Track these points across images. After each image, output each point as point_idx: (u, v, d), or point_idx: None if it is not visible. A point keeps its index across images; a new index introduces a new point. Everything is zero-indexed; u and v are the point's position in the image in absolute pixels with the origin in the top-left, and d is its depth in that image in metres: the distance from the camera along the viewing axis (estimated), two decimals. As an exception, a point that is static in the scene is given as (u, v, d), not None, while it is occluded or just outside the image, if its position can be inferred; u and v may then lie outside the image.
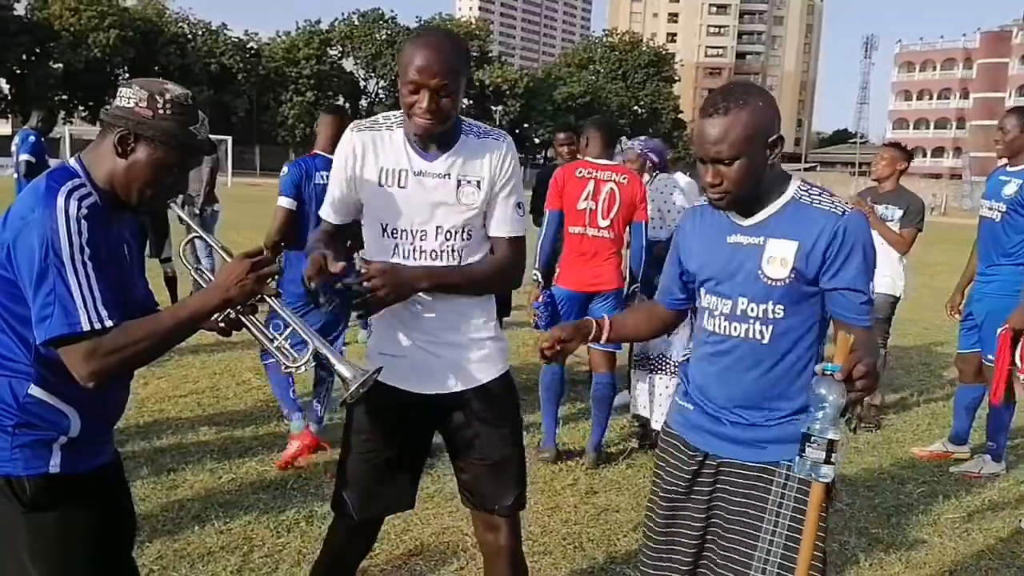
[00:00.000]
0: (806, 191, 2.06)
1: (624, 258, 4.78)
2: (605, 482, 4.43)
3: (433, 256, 2.25)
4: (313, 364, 4.67)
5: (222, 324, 2.01)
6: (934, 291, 12.48)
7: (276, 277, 1.90)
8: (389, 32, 65.63)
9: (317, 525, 3.67)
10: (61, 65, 52.73)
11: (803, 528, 1.97)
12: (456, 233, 2.25)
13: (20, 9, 52.54)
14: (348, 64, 66.33)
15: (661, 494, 2.25)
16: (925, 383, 7.06)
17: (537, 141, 67.83)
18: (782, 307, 2.04)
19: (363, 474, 2.36)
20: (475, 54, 65.85)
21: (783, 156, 2.06)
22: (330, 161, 4.83)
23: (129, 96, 1.84)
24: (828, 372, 1.80)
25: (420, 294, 2.23)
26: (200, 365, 6.22)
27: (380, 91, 67.71)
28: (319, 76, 61.13)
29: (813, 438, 1.81)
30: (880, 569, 3.57)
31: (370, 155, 2.26)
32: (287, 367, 2.00)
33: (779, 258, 2.01)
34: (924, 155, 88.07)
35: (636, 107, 73.51)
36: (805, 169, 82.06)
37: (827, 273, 2.01)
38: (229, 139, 30.17)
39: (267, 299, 1.90)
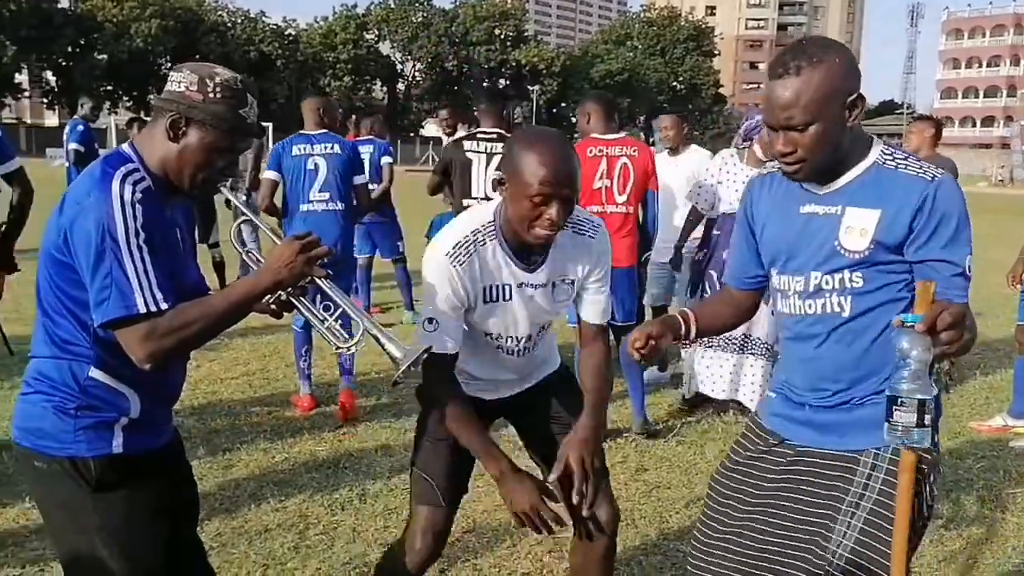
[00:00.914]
0: (890, 156, 1.86)
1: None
2: (655, 459, 4.41)
3: (527, 342, 2.35)
4: (301, 329, 4.87)
5: (273, 306, 2.02)
6: (989, 263, 12.15)
7: (326, 259, 1.91)
8: (425, 14, 65.54)
9: (370, 503, 3.71)
10: (105, 56, 53.60)
11: (892, 513, 1.78)
12: (546, 326, 2.41)
13: (64, 2, 53.47)
14: (385, 48, 66.44)
15: (724, 471, 2.16)
16: (983, 356, 6.89)
17: (575, 120, 67.42)
18: (860, 276, 1.86)
19: (447, 460, 2.35)
20: (511, 34, 65.63)
21: None
22: (308, 137, 5.09)
23: (180, 80, 1.85)
24: (909, 324, 1.57)
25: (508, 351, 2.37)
26: (250, 348, 6.31)
27: (417, 73, 67.75)
28: (356, 60, 61.35)
29: (901, 399, 1.58)
30: (940, 545, 3.50)
31: (475, 282, 2.19)
32: (338, 347, 2.01)
33: (859, 228, 1.83)
34: (974, 125, 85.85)
35: (675, 83, 72.63)
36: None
37: (913, 244, 1.81)
38: (270, 125, 30.39)
39: (317, 281, 1.90)
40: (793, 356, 2.04)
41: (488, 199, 4.90)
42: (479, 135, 5.00)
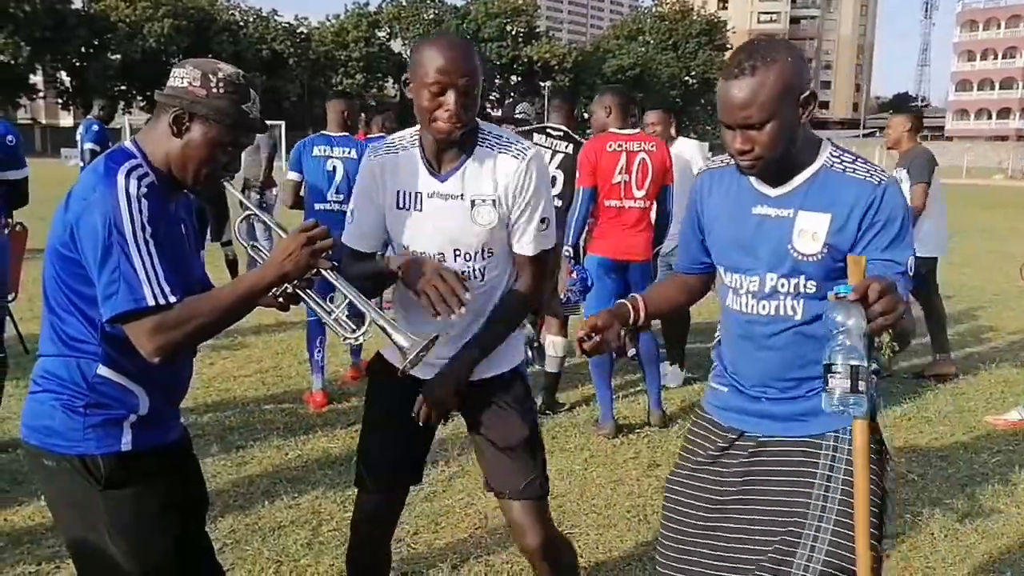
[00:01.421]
0: (838, 158, 1.90)
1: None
2: (668, 455, 4.40)
3: (441, 261, 2.19)
4: (310, 318, 4.90)
5: (280, 299, 2.03)
6: (1002, 256, 12.08)
7: (331, 251, 1.91)
8: (436, 12, 65.64)
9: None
10: (119, 56, 53.93)
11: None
12: (476, 254, 2.21)
13: (78, 2, 53.80)
14: (396, 45, 66.52)
15: (683, 473, 2.13)
16: (997, 350, 6.84)
17: (587, 116, 67.28)
18: (814, 283, 1.88)
19: (381, 448, 2.38)
20: (522, 30, 65.53)
21: (842, 123, 1.91)
22: (329, 139, 5.16)
23: (183, 76, 1.85)
24: (841, 295, 1.61)
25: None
26: (262, 345, 6.34)
27: (429, 71, 67.73)
28: (368, 58, 61.49)
29: (834, 367, 1.62)
30: (955, 540, 3.48)
31: (389, 179, 2.22)
32: (346, 338, 2.01)
33: (811, 232, 1.86)
34: (989, 117, 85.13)
35: (688, 77, 72.38)
36: (864, 135, 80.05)
37: (860, 243, 1.84)
38: (282, 124, 30.49)
39: (323, 272, 1.90)
40: (742, 352, 2.04)
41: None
42: (549, 130, 5.12)
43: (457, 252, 2.20)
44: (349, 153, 5.07)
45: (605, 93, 4.77)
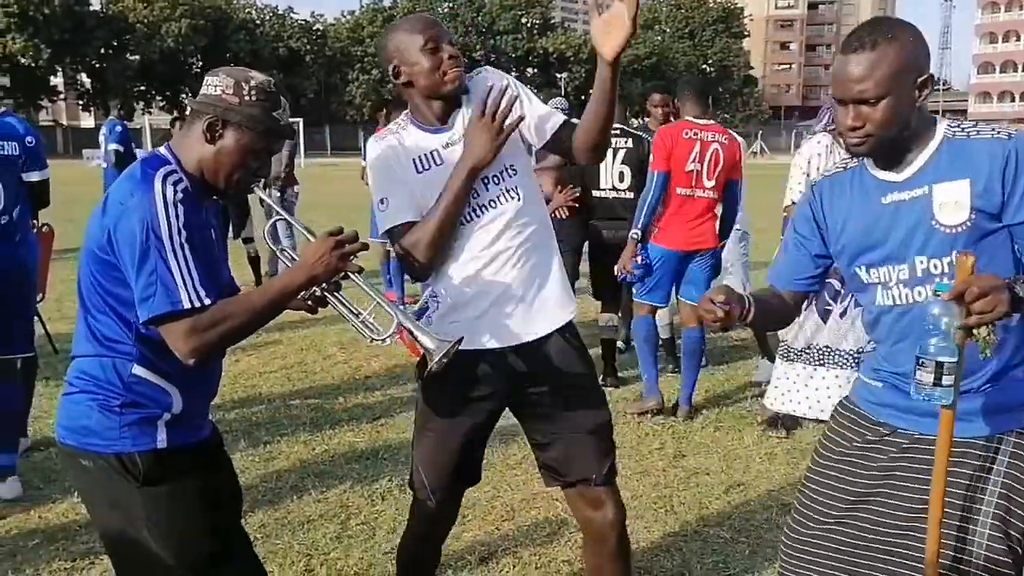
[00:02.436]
0: (957, 127, 1.86)
1: None
2: (693, 445, 4.40)
3: (492, 205, 2.24)
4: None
5: (309, 302, 2.06)
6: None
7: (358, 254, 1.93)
8: (451, 5, 65.61)
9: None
10: (137, 57, 54.36)
11: (1016, 499, 1.80)
12: (502, 173, 2.24)
13: (96, 4, 54.25)
14: (412, 39, 66.54)
15: (825, 464, 2.08)
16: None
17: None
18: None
19: (440, 454, 2.35)
20: (537, 22, 65.37)
21: None
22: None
23: (216, 84, 1.90)
24: (939, 292, 1.67)
25: (502, 253, 2.22)
26: (287, 342, 6.39)
27: (445, 65, 67.79)
28: (384, 53, 61.53)
29: (923, 360, 1.69)
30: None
31: (402, 154, 2.26)
32: (373, 340, 2.03)
33: (952, 201, 1.79)
34: (1012, 99, 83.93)
35: (705, 66, 71.91)
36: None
37: (1008, 206, 1.77)
38: (300, 121, 30.66)
39: (351, 276, 1.93)
40: (901, 344, 1.94)
41: (615, 190, 5.20)
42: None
43: (485, 180, 2.23)
44: None
45: (685, 84, 4.82)
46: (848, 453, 2.05)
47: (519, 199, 2.25)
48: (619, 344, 6.19)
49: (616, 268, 4.77)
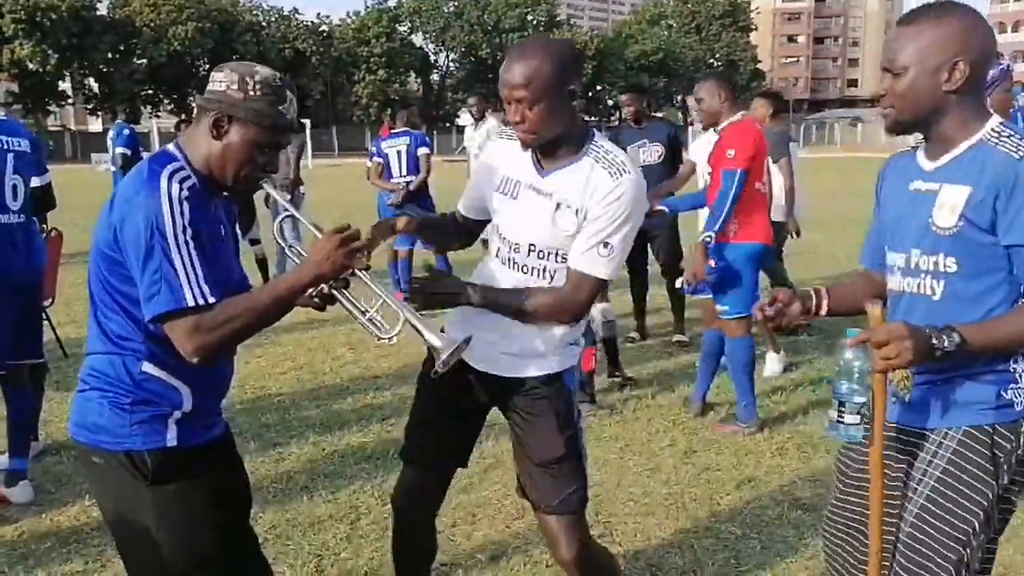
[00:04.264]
0: (997, 134, 1.81)
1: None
2: (704, 442, 4.38)
3: (524, 271, 2.23)
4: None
5: (316, 299, 2.05)
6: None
7: (365, 251, 1.92)
8: (456, 4, 65.55)
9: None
10: (144, 60, 54.54)
11: (951, 492, 1.85)
12: (549, 254, 2.21)
13: (103, 9, 54.44)
14: (417, 39, 66.65)
15: (842, 452, 2.16)
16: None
17: (611, 103, 66.92)
18: (954, 260, 1.83)
19: (423, 423, 2.45)
20: (543, 19, 65.27)
21: (871, 101, 1.93)
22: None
23: (221, 80, 1.89)
24: (849, 338, 1.83)
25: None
26: (295, 343, 6.39)
27: (450, 64, 67.80)
28: (390, 54, 61.60)
29: (835, 396, 1.86)
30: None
31: (500, 162, 2.30)
32: (380, 338, 2.03)
33: (949, 204, 1.81)
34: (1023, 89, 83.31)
35: (712, 60, 71.68)
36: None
37: (999, 226, 1.76)
38: (307, 122, 30.73)
39: (358, 273, 1.92)
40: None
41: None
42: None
43: (532, 247, 2.23)
44: None
45: (710, 79, 4.56)
46: (849, 454, 2.12)
47: (550, 281, 2.24)
48: (632, 334, 6.17)
49: (683, 279, 4.50)
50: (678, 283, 4.57)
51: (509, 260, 2.26)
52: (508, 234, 2.26)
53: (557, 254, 2.21)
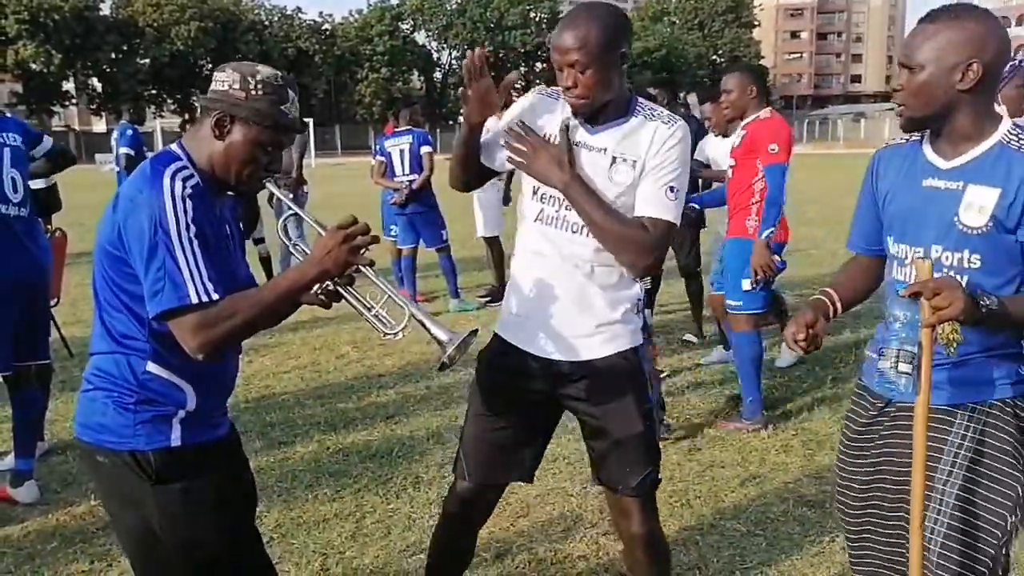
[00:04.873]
0: (1016, 136, 1.91)
1: None
2: (708, 439, 4.37)
3: (575, 229, 2.22)
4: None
5: (321, 296, 2.05)
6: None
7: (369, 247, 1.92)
8: (459, 1, 65.45)
9: (424, 490, 3.75)
10: (147, 60, 54.62)
11: (986, 471, 1.94)
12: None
13: (106, 9, 54.51)
14: (420, 37, 66.62)
15: (845, 441, 2.23)
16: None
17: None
18: (979, 257, 1.91)
19: (483, 438, 2.38)
20: (546, 16, 65.18)
21: (874, 96, 1.95)
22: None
23: (223, 80, 1.90)
24: (900, 292, 1.86)
25: (574, 265, 2.22)
26: (300, 342, 6.40)
27: (453, 61, 67.74)
28: (393, 52, 61.59)
29: (885, 350, 1.91)
30: None
31: (540, 115, 2.27)
32: (385, 334, 2.02)
33: (978, 205, 1.89)
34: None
35: (715, 56, 71.55)
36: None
37: (1022, 225, 1.87)
38: (310, 121, 30.72)
39: (362, 269, 1.92)
40: (902, 316, 2.03)
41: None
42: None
43: None
44: None
45: (742, 73, 4.49)
46: (861, 429, 2.17)
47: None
48: (689, 337, 6.13)
49: (751, 280, 4.37)
50: (746, 284, 4.40)
51: (557, 219, 2.23)
52: (556, 191, 2.21)
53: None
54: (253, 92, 1.88)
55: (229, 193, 2.01)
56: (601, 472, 2.37)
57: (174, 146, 1.95)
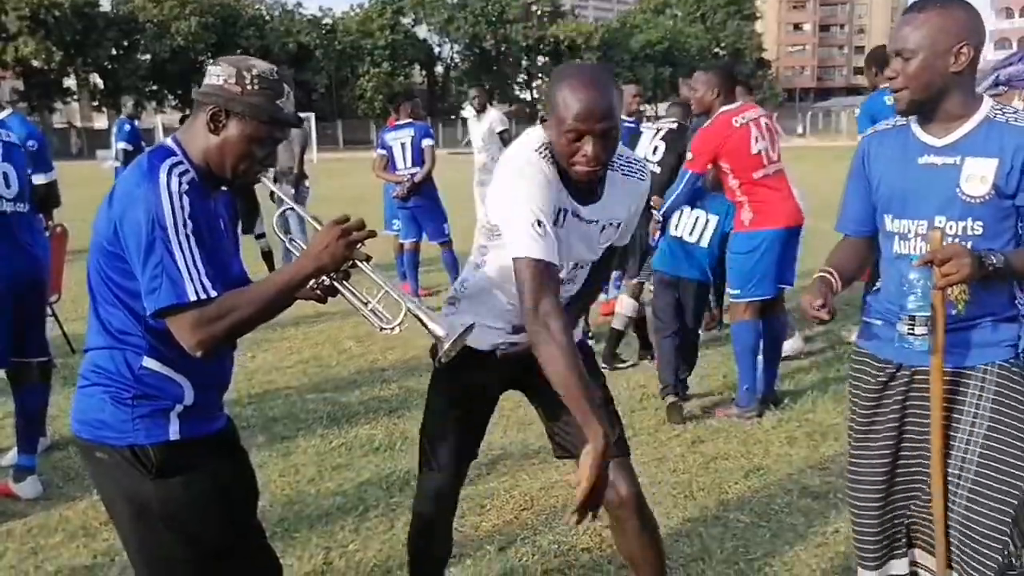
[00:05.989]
0: (1000, 110, 2.08)
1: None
2: (711, 430, 4.37)
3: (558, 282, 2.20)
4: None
5: (318, 291, 2.05)
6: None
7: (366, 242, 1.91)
8: (460, -6, 65.29)
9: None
10: (148, 56, 54.57)
11: (1006, 424, 2.08)
12: (587, 265, 2.34)
13: (106, 5, 54.46)
14: (422, 31, 66.42)
15: (857, 410, 2.32)
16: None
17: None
18: (981, 224, 2.06)
19: (451, 429, 2.42)
20: (547, 9, 65.07)
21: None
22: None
23: (218, 74, 1.88)
24: (914, 261, 2.04)
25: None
26: (302, 337, 6.40)
27: (455, 55, 67.64)
28: (394, 46, 61.44)
29: (902, 313, 2.11)
30: None
31: (549, 197, 2.10)
32: (383, 328, 2.01)
33: (979, 175, 2.03)
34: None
35: (717, 49, 71.34)
36: (900, 99, 78.44)
37: (1021, 191, 2.03)
38: (312, 116, 30.69)
39: (359, 264, 1.91)
40: (909, 284, 2.18)
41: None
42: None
43: (576, 264, 2.29)
44: None
45: (708, 73, 4.50)
46: (870, 396, 2.28)
47: (574, 286, 2.35)
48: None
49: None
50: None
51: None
52: (560, 259, 2.11)
53: (591, 262, 2.34)
54: (248, 87, 1.86)
55: (223, 188, 2.00)
56: (570, 442, 2.33)
57: (169, 140, 1.94)
